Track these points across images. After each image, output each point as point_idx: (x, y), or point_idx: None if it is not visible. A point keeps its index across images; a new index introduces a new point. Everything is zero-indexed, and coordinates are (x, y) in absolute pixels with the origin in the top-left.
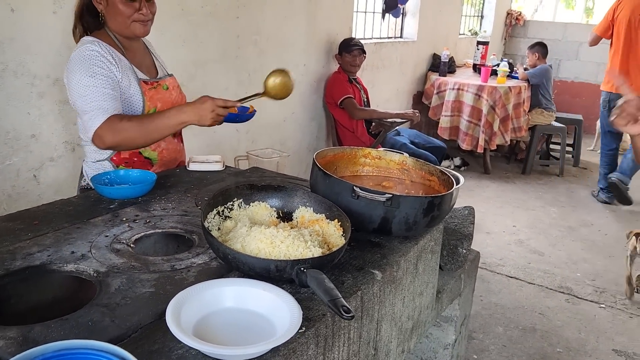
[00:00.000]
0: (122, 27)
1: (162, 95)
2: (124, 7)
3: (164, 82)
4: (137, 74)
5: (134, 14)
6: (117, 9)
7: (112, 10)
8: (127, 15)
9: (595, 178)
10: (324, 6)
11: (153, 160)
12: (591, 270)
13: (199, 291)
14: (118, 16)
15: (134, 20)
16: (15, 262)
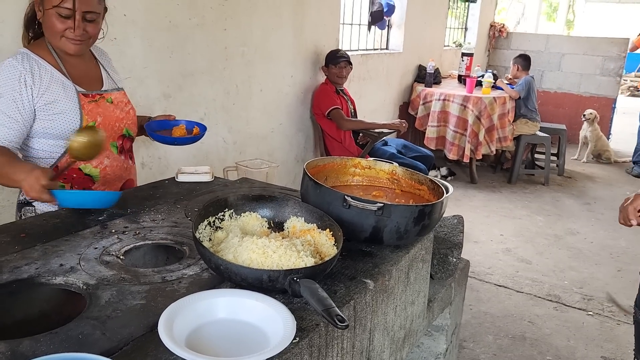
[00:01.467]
0: (54, 42)
1: (104, 108)
2: (56, 21)
3: (108, 95)
4: (76, 88)
5: (66, 30)
6: (50, 21)
7: (46, 22)
8: (57, 31)
9: (581, 187)
10: (310, 18)
11: (94, 178)
12: (578, 278)
13: (191, 302)
14: (49, 29)
15: (65, 36)
16: (2, 275)
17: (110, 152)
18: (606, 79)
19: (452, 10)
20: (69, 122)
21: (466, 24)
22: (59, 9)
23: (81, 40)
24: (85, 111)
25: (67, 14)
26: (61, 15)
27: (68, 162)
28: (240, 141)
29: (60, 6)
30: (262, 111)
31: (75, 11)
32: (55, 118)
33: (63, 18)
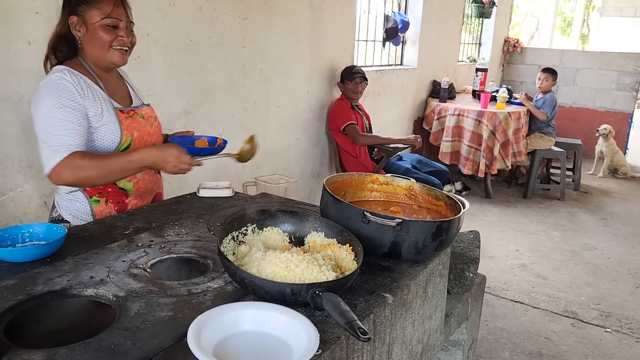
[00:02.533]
0: (100, 55)
1: (139, 124)
2: (104, 33)
3: (140, 111)
4: (113, 103)
5: (114, 40)
6: (97, 35)
7: (91, 37)
8: (106, 42)
9: (597, 202)
10: (326, 35)
11: (128, 192)
12: (595, 294)
13: (218, 314)
14: (97, 42)
15: (113, 47)
16: (37, 286)
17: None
18: (622, 93)
19: (466, 26)
20: (111, 137)
21: (480, 39)
22: (107, 20)
23: (127, 49)
24: (124, 126)
25: (114, 24)
26: (108, 26)
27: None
28: (257, 156)
29: (110, 16)
30: (278, 126)
31: (121, 20)
32: (99, 131)
33: (110, 29)
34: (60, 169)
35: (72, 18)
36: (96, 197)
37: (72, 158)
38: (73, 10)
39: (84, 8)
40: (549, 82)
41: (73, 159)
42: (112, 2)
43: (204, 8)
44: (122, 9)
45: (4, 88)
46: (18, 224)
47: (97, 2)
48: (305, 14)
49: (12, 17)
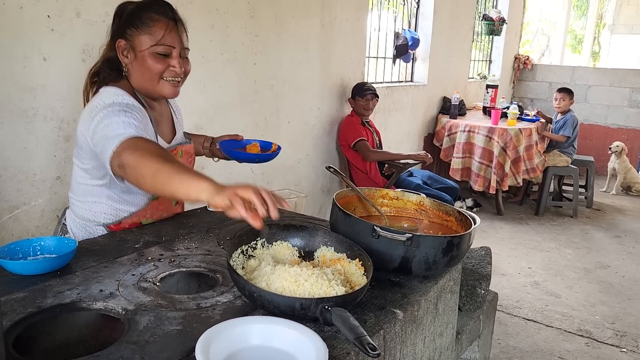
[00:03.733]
0: (149, 86)
1: None
2: (154, 61)
3: (181, 148)
4: (159, 139)
5: (165, 70)
6: (146, 64)
7: (140, 66)
8: (156, 72)
9: (610, 220)
10: (337, 52)
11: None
12: (610, 313)
13: (226, 329)
14: (146, 72)
15: (164, 77)
16: (47, 299)
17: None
18: (634, 110)
19: (476, 43)
20: None
21: (490, 57)
22: (158, 48)
23: (180, 80)
24: None
25: (166, 52)
26: (159, 54)
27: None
28: (267, 171)
29: (162, 43)
30: (289, 142)
31: (174, 48)
32: None
33: (162, 57)
34: (123, 149)
35: (119, 42)
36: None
37: (138, 139)
38: (121, 33)
39: (133, 32)
40: (566, 101)
41: (139, 140)
42: (165, 26)
43: (216, 25)
44: (176, 34)
45: (18, 103)
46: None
47: (148, 26)
48: (316, 31)
49: (29, 34)
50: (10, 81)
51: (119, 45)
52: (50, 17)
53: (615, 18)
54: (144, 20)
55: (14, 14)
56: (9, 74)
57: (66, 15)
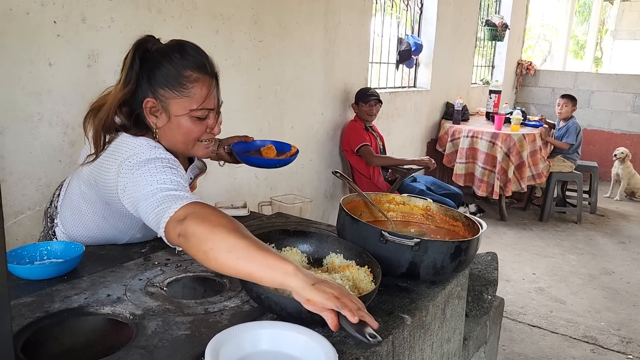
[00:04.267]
0: (182, 148)
1: None
2: (192, 125)
3: (200, 176)
4: None
5: (204, 133)
6: (182, 128)
7: (174, 129)
8: (194, 137)
9: (614, 225)
10: (341, 58)
11: None
12: (615, 320)
13: (235, 333)
14: (180, 136)
15: (200, 140)
16: (54, 304)
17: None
18: (638, 116)
19: (479, 49)
20: None
21: (493, 62)
22: (198, 112)
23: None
24: None
25: (205, 116)
26: (199, 118)
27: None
28: (271, 177)
29: (201, 108)
30: None
31: (214, 109)
32: None
33: (200, 120)
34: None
35: (148, 101)
36: None
37: (202, 204)
38: (151, 91)
39: (168, 94)
40: (569, 107)
41: (204, 206)
42: (207, 87)
43: (221, 31)
44: (215, 93)
45: (24, 108)
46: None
47: (187, 89)
48: (319, 37)
49: (35, 39)
50: (16, 86)
51: (147, 105)
52: (57, 23)
53: (617, 24)
54: (183, 82)
55: (20, 20)
56: (15, 79)
57: (72, 20)
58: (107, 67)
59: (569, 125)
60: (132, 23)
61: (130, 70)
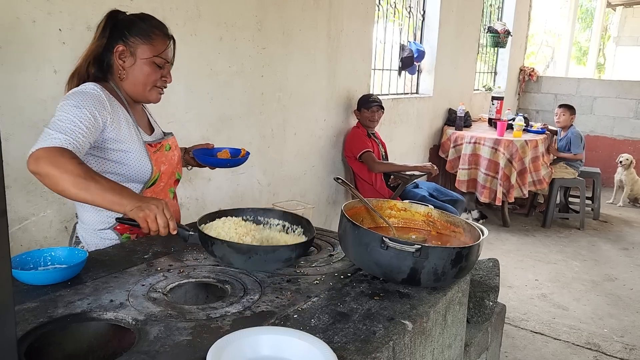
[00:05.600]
0: (140, 90)
1: (166, 157)
2: (150, 70)
3: (166, 142)
4: (142, 137)
5: (158, 80)
6: (144, 70)
7: (136, 71)
8: (151, 80)
9: (617, 232)
10: (343, 64)
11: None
12: (619, 326)
13: (237, 339)
14: (141, 77)
15: (155, 85)
16: (58, 309)
17: (169, 199)
18: None
19: (481, 55)
20: (139, 167)
21: (495, 68)
22: (157, 59)
23: (164, 89)
24: (153, 161)
25: (161, 64)
26: (156, 64)
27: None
28: (274, 183)
29: (161, 56)
30: (295, 154)
31: (168, 62)
32: (123, 157)
33: (157, 68)
34: (42, 155)
35: (119, 46)
36: (127, 234)
37: (58, 151)
38: (122, 39)
39: (136, 40)
40: (567, 116)
41: (58, 152)
42: (166, 42)
43: (224, 38)
44: (171, 50)
45: (30, 115)
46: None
47: (151, 39)
48: (322, 44)
49: (40, 47)
50: (22, 93)
51: (118, 50)
52: (62, 31)
53: (620, 30)
54: (149, 33)
55: (26, 28)
56: (21, 87)
57: (77, 29)
58: None
59: (569, 136)
60: None
61: (104, 30)
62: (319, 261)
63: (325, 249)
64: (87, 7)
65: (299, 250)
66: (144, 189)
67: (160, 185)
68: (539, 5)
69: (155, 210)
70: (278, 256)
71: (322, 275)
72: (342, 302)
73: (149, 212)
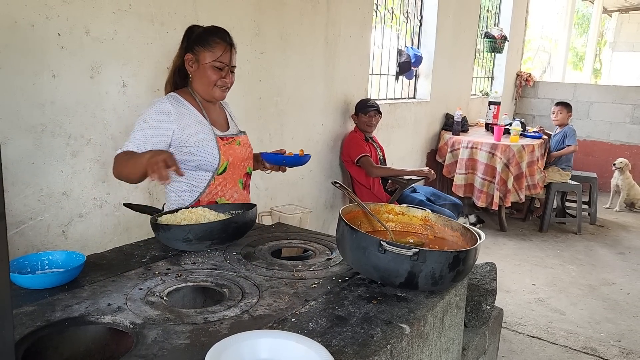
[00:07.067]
0: (205, 90)
1: (234, 150)
2: (211, 72)
3: (237, 138)
4: (215, 131)
5: (219, 80)
6: (205, 73)
7: (200, 74)
8: (212, 80)
9: (614, 236)
10: (341, 69)
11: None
12: (615, 331)
13: (235, 342)
14: (204, 79)
15: (217, 85)
16: (55, 313)
17: (238, 188)
18: (637, 127)
19: (479, 60)
20: (208, 158)
21: (492, 74)
22: (216, 63)
23: (227, 88)
24: (222, 152)
25: (221, 67)
26: (216, 67)
27: None
28: (271, 187)
29: (219, 60)
30: None
31: (227, 65)
32: (194, 151)
33: (217, 70)
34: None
35: (188, 55)
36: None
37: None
38: (190, 49)
39: (199, 49)
40: (564, 114)
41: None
42: (224, 47)
43: None
44: (229, 54)
45: (28, 119)
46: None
47: (211, 46)
48: (320, 49)
49: (39, 51)
50: (20, 97)
51: (187, 58)
52: (61, 35)
53: (616, 36)
54: (209, 42)
55: (25, 32)
56: (19, 91)
57: (76, 33)
58: (110, 79)
59: (565, 131)
60: (135, 35)
61: (182, 43)
62: (316, 265)
63: (323, 253)
64: (86, 12)
65: (195, 231)
66: (214, 175)
67: (229, 174)
68: (536, 11)
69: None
70: (173, 235)
71: (320, 279)
72: (340, 306)
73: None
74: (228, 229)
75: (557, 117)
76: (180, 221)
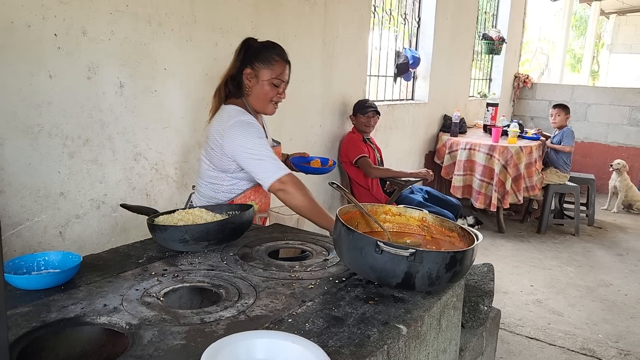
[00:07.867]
0: (261, 105)
1: None
2: (269, 89)
3: (275, 149)
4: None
5: (275, 96)
6: (263, 89)
7: (258, 90)
8: (269, 97)
9: (612, 238)
10: (339, 71)
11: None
12: (613, 332)
13: (231, 343)
14: (261, 95)
15: (272, 100)
16: (51, 314)
17: (267, 194)
18: (634, 128)
19: (476, 62)
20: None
21: (490, 75)
22: (275, 80)
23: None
24: None
25: (278, 84)
26: (274, 84)
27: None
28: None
29: (278, 78)
30: None
31: (284, 82)
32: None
33: (274, 87)
34: (287, 181)
35: (247, 70)
36: None
37: (295, 179)
38: (249, 63)
39: (259, 65)
40: (562, 116)
41: (296, 180)
42: (283, 65)
43: (220, 44)
44: (287, 72)
45: (24, 120)
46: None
47: (271, 64)
48: (318, 50)
49: (36, 52)
50: (17, 98)
51: (246, 72)
52: (57, 36)
53: (613, 38)
54: (269, 59)
55: (21, 33)
56: (16, 91)
57: (73, 34)
58: (106, 80)
59: (564, 132)
60: (132, 36)
61: (239, 54)
62: (313, 265)
63: (320, 253)
64: (83, 12)
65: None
66: (255, 185)
67: None
68: (534, 13)
69: None
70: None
71: (317, 280)
72: (336, 307)
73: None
74: (225, 230)
75: (555, 120)
76: (177, 222)
